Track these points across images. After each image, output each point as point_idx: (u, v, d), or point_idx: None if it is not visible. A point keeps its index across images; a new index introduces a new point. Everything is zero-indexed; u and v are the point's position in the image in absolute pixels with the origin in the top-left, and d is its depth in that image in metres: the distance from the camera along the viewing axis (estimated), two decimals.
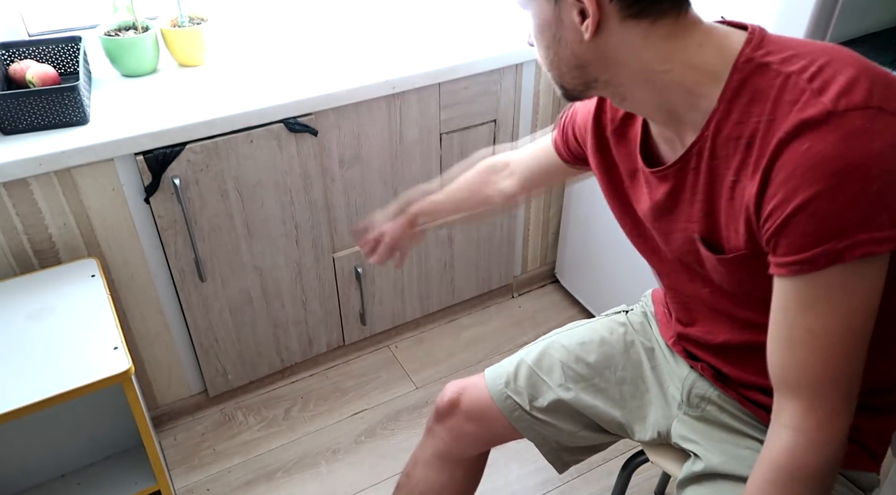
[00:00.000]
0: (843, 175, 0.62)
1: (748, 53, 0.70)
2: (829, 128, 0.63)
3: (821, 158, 0.63)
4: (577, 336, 1.13)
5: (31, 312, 1.26)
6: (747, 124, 0.69)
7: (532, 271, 2.18)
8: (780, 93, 0.67)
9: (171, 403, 1.75)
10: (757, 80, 0.69)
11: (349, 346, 1.95)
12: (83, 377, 1.13)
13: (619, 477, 1.30)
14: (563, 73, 0.77)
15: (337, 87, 1.50)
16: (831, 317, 0.67)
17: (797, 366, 0.70)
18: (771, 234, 0.68)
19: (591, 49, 0.73)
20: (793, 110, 0.65)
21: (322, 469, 1.67)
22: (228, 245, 1.56)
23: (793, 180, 0.65)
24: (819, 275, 0.66)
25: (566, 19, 0.72)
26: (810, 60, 0.67)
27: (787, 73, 0.67)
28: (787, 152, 0.65)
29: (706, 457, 0.95)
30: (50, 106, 1.32)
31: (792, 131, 0.65)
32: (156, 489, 1.44)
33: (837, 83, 0.65)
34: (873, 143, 0.62)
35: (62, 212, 1.37)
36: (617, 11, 0.69)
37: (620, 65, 0.73)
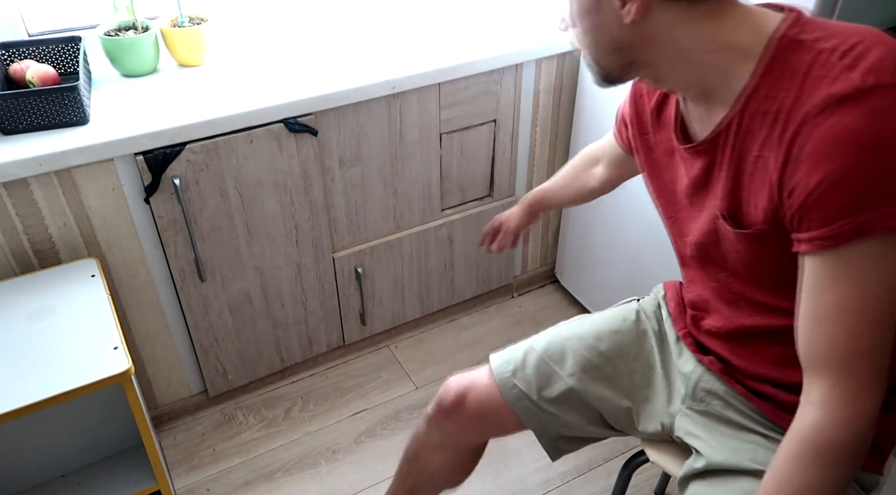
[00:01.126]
0: (869, 150, 0.63)
1: (784, 30, 0.71)
2: (857, 104, 0.64)
3: (847, 132, 0.64)
4: (589, 324, 1.13)
5: (31, 312, 1.26)
6: (776, 99, 0.70)
7: (532, 271, 2.18)
8: (810, 68, 0.68)
9: (171, 403, 1.75)
10: (790, 56, 0.70)
11: (349, 346, 1.95)
12: (83, 377, 1.13)
13: (619, 476, 1.30)
14: (602, 57, 0.79)
15: (337, 87, 1.50)
16: (857, 293, 0.68)
17: (823, 342, 0.71)
18: (796, 209, 0.69)
19: (632, 32, 0.74)
20: (822, 85, 0.66)
21: (322, 469, 1.67)
22: (228, 245, 1.56)
23: (816, 154, 0.65)
24: (845, 249, 0.67)
25: (607, 5, 0.74)
26: (843, 39, 0.68)
27: (820, 49, 0.68)
28: (813, 125, 0.66)
29: (707, 453, 0.95)
30: (50, 106, 1.32)
31: (820, 105, 0.66)
32: (156, 489, 1.44)
33: (868, 60, 0.65)
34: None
35: (62, 212, 1.37)
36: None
37: (659, 46, 0.75)
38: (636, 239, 1.76)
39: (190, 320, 1.62)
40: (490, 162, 1.85)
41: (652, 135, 0.94)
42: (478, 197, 1.89)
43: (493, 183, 1.88)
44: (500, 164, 1.86)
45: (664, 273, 1.66)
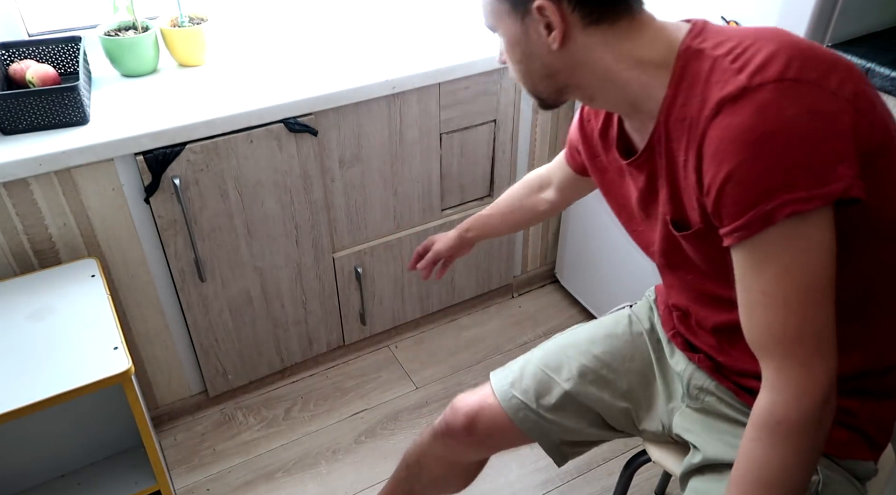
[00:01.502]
0: (760, 143, 0.67)
1: (688, 42, 0.76)
2: (744, 103, 0.68)
3: (738, 131, 0.68)
4: (583, 332, 1.16)
5: (31, 312, 1.26)
6: (688, 106, 0.75)
7: (532, 271, 2.18)
8: (709, 74, 0.73)
9: (171, 403, 1.75)
10: (694, 65, 0.75)
11: (349, 346, 1.95)
12: (83, 377, 1.13)
13: (620, 476, 1.30)
14: (536, 83, 0.85)
15: (337, 87, 1.50)
16: (780, 277, 0.71)
17: (760, 328, 0.74)
18: (713, 209, 0.73)
19: (559, 58, 0.80)
20: (716, 89, 0.71)
21: (322, 469, 1.67)
22: (228, 245, 1.56)
23: (718, 154, 0.70)
24: (758, 238, 0.70)
25: (533, 34, 0.79)
26: (738, 43, 0.73)
27: (716, 56, 0.73)
28: (712, 129, 0.71)
29: (705, 449, 0.97)
30: (50, 106, 1.32)
31: (714, 108, 0.71)
32: (156, 489, 1.44)
33: (755, 61, 0.70)
34: (786, 111, 0.67)
35: (62, 212, 1.37)
36: (579, 20, 0.76)
37: (586, 68, 0.80)
38: None
39: (190, 320, 1.62)
40: (490, 162, 1.85)
41: (603, 156, 0.97)
42: (478, 197, 1.89)
43: (493, 183, 1.88)
44: (500, 164, 1.86)
45: None
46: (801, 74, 0.68)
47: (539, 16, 0.76)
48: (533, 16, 0.77)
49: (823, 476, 0.87)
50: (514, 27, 0.80)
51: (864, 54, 1.22)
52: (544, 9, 0.76)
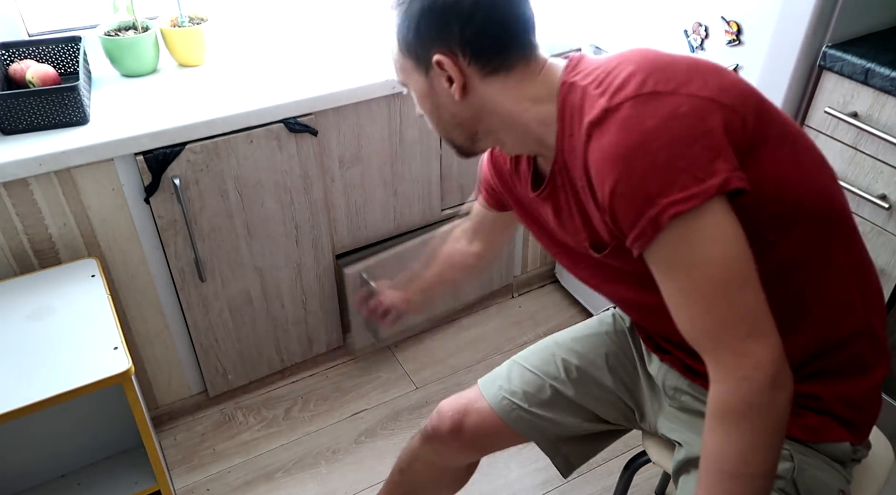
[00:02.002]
0: (629, 156, 0.71)
1: (563, 77, 0.81)
2: (608, 123, 0.73)
3: (608, 149, 0.72)
4: (568, 333, 1.17)
5: (31, 312, 1.26)
6: (574, 136, 0.79)
7: (532, 271, 2.18)
8: (581, 104, 0.77)
9: (171, 403, 1.75)
10: (570, 97, 0.79)
11: (349, 346, 1.95)
12: (83, 377, 1.13)
13: (620, 477, 1.30)
14: (450, 132, 0.89)
15: (337, 87, 1.50)
16: (689, 273, 0.73)
17: (688, 324, 0.76)
18: (611, 224, 0.76)
19: (464, 107, 0.84)
20: (585, 116, 0.75)
21: (322, 469, 1.67)
22: (228, 245, 1.56)
23: (600, 175, 0.74)
24: (656, 243, 0.73)
25: (438, 87, 0.84)
26: (603, 70, 0.77)
27: (584, 86, 0.78)
28: (589, 153, 0.75)
29: (689, 446, 0.98)
30: (50, 106, 1.32)
31: (586, 134, 0.75)
32: (156, 489, 1.44)
33: (615, 83, 0.74)
34: (647, 122, 0.70)
35: (62, 212, 1.37)
36: (476, 71, 0.81)
37: (490, 114, 0.84)
38: None
39: (190, 320, 1.62)
40: None
41: (518, 188, 0.99)
42: None
43: None
44: None
45: None
46: (658, 86, 0.72)
47: (440, 69, 0.81)
48: (435, 70, 0.82)
49: (798, 461, 0.88)
50: (420, 81, 0.85)
51: (863, 54, 1.22)
52: (442, 63, 0.80)
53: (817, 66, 1.29)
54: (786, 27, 1.27)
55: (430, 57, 0.81)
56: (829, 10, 1.23)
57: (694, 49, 1.46)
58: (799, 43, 1.26)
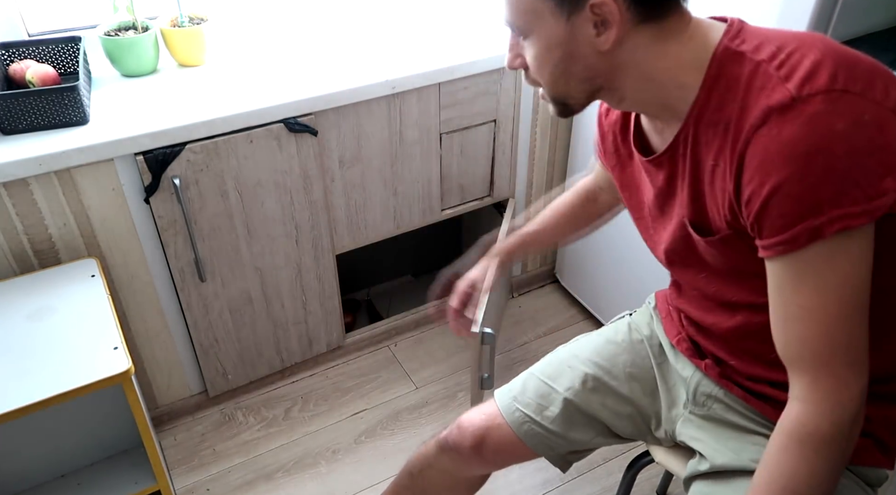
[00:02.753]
0: (810, 156, 0.65)
1: (725, 43, 0.73)
2: (794, 113, 0.66)
3: (788, 142, 0.66)
4: (583, 342, 1.15)
5: (31, 312, 1.26)
6: (723, 110, 0.72)
7: (532, 271, 2.18)
8: (750, 80, 0.70)
9: (171, 403, 1.75)
10: (731, 68, 0.72)
11: (349, 346, 1.95)
12: (83, 377, 1.13)
13: (623, 477, 1.30)
14: (572, 88, 0.79)
15: (337, 87, 1.50)
16: (822, 291, 0.70)
17: (797, 341, 0.73)
18: (753, 219, 0.71)
19: (605, 59, 0.75)
20: (761, 97, 0.69)
21: (322, 469, 1.67)
22: (228, 245, 1.56)
23: (765, 165, 0.68)
24: (803, 252, 0.69)
25: (580, 35, 0.73)
26: (779, 47, 0.70)
27: (758, 60, 0.70)
28: (758, 138, 0.68)
29: (711, 456, 0.96)
30: (50, 106, 1.32)
31: (761, 117, 0.68)
32: (156, 489, 1.44)
33: (802, 69, 0.68)
34: (836, 124, 0.65)
35: (62, 212, 1.37)
36: (631, 18, 0.72)
37: (629, 69, 0.76)
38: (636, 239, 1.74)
39: (190, 320, 1.62)
40: (490, 162, 1.85)
41: (621, 149, 0.95)
42: (478, 197, 1.89)
43: (493, 183, 1.88)
44: (499, 164, 1.86)
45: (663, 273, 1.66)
46: (849, 85, 0.67)
47: (591, 14, 0.71)
48: (585, 14, 0.71)
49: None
50: (556, 27, 0.73)
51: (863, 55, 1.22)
52: (600, 6, 0.70)
53: None
54: (786, 27, 1.27)
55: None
56: (829, 10, 1.23)
57: None
58: None
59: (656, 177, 0.86)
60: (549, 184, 2.00)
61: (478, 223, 2.13)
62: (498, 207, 1.97)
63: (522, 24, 0.76)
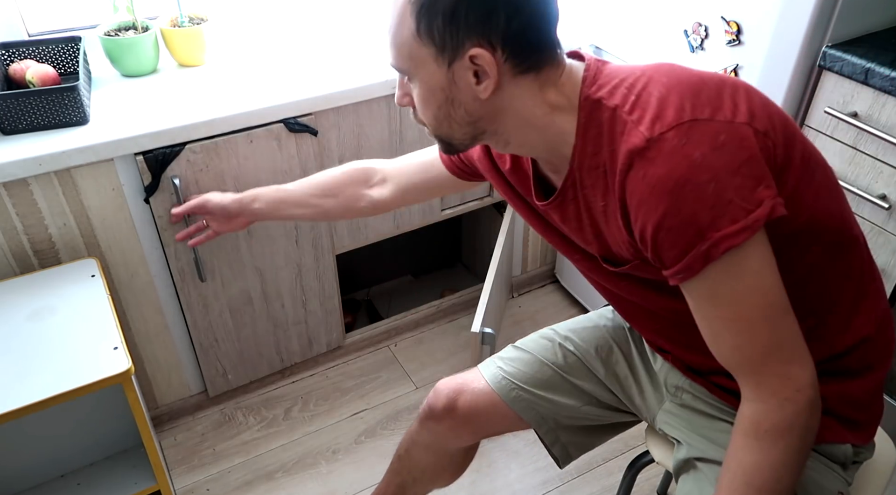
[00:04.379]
0: (678, 189, 0.69)
1: (586, 91, 0.77)
2: (653, 153, 0.70)
3: (655, 181, 0.70)
4: (568, 323, 1.18)
5: (31, 312, 1.26)
6: (599, 155, 0.77)
7: (532, 271, 2.18)
8: (611, 126, 0.75)
9: (171, 403, 1.75)
10: (595, 115, 0.76)
11: (349, 346, 1.95)
12: (83, 377, 1.13)
13: (624, 477, 1.30)
14: (454, 131, 0.81)
15: (337, 87, 1.50)
16: (735, 302, 0.74)
17: (730, 351, 0.77)
18: (651, 254, 0.75)
19: (484, 106, 0.77)
20: (622, 142, 0.73)
21: (322, 469, 1.67)
22: (228, 245, 1.56)
23: (643, 206, 0.72)
24: (702, 275, 0.72)
25: (461, 82, 0.75)
26: (629, 88, 0.75)
27: (613, 106, 0.75)
28: (629, 181, 0.72)
29: (688, 444, 0.99)
30: (50, 106, 1.32)
31: (626, 162, 0.72)
32: (156, 489, 1.44)
33: (650, 108, 0.72)
34: (693, 154, 0.69)
35: (62, 212, 1.37)
36: (510, 69, 0.75)
37: (509, 115, 0.79)
38: None
39: (190, 320, 1.62)
40: None
41: (516, 185, 0.95)
42: (478, 197, 1.89)
43: None
44: None
45: None
46: (696, 112, 0.70)
47: (471, 64, 0.73)
48: (464, 63, 0.73)
49: None
50: (438, 73, 0.75)
51: (863, 54, 1.22)
52: (478, 57, 0.72)
53: (817, 66, 1.29)
54: (786, 27, 1.27)
55: (461, 48, 0.72)
56: (829, 10, 1.23)
57: (694, 49, 1.46)
58: (799, 43, 1.26)
59: (553, 217, 0.90)
60: None
61: (478, 223, 2.13)
62: (498, 207, 1.97)
63: (406, 69, 0.78)
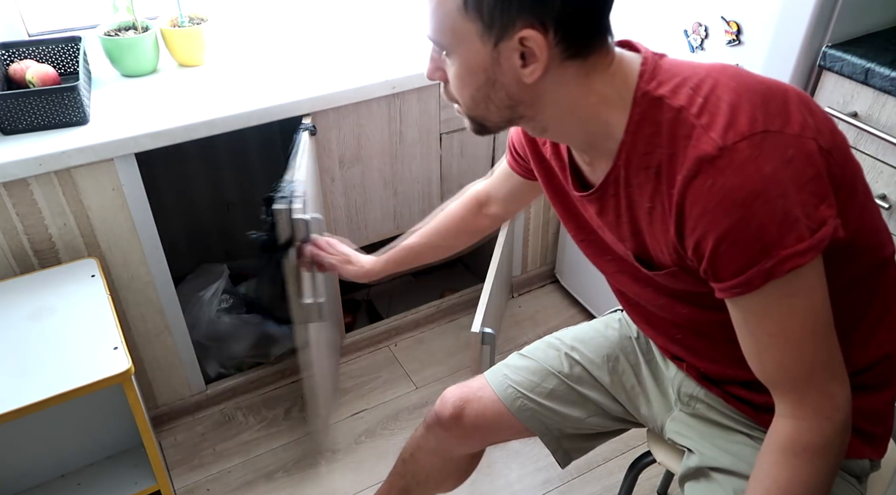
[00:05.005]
0: (748, 203, 0.67)
1: (643, 87, 0.73)
2: (724, 162, 0.67)
3: (725, 192, 0.67)
4: (574, 331, 1.17)
5: (31, 312, 1.26)
6: (653, 155, 0.73)
7: (532, 271, 2.18)
8: (673, 127, 0.71)
9: (171, 403, 1.75)
10: (654, 113, 0.73)
11: (349, 346, 1.95)
12: (83, 377, 1.13)
13: (625, 477, 1.30)
14: (491, 112, 0.78)
15: (337, 87, 1.50)
16: (787, 319, 0.72)
17: (774, 367, 0.76)
18: (704, 267, 0.73)
19: (527, 90, 0.73)
20: (689, 146, 0.70)
21: (322, 469, 1.67)
22: None
23: (706, 216, 0.69)
24: (759, 292, 0.71)
25: (505, 63, 0.71)
26: (695, 88, 0.71)
27: (678, 107, 0.71)
28: (693, 189, 0.69)
29: (700, 453, 0.97)
30: (50, 106, 1.32)
31: (692, 168, 0.69)
32: (156, 489, 1.44)
33: (722, 115, 0.69)
34: (765, 168, 0.67)
35: (62, 212, 1.37)
36: (559, 54, 0.71)
37: (551, 101, 0.75)
38: None
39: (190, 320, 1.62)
40: (490, 162, 1.84)
41: (555, 174, 0.93)
42: None
43: None
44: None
45: None
46: (768, 124, 0.68)
47: (519, 45, 0.69)
48: (512, 43, 0.69)
49: None
50: (481, 52, 0.71)
51: (863, 54, 1.22)
52: (528, 39, 0.68)
53: (817, 66, 1.29)
54: (786, 27, 1.27)
55: (511, 27, 0.68)
56: (829, 10, 1.23)
57: (694, 49, 1.46)
58: (799, 43, 1.26)
59: (588, 209, 0.88)
60: None
61: None
62: None
63: (446, 43, 0.74)
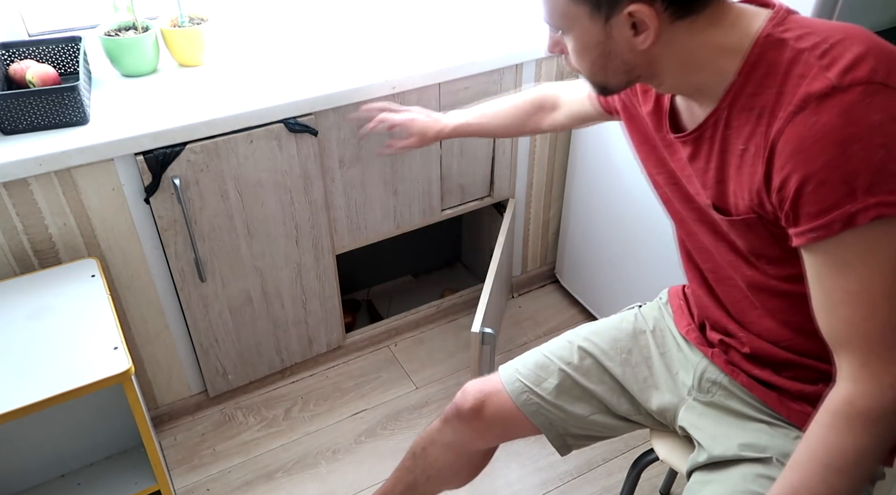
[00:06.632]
0: (847, 144, 0.67)
1: (769, 29, 0.74)
2: (833, 102, 0.67)
3: (826, 130, 0.67)
4: (591, 326, 1.19)
5: (31, 312, 1.26)
6: (760, 96, 0.74)
7: (532, 271, 2.18)
8: (790, 67, 0.72)
9: (171, 403, 1.75)
10: (772, 54, 0.73)
11: (349, 346, 1.95)
12: (83, 377, 1.13)
13: (628, 475, 1.30)
14: (610, 78, 0.83)
15: (337, 87, 1.50)
16: (866, 275, 0.71)
17: (844, 325, 0.74)
18: (788, 206, 0.72)
19: (643, 55, 0.78)
20: (801, 84, 0.70)
21: (322, 469, 1.67)
22: (228, 245, 1.56)
23: (800, 152, 0.69)
24: (838, 238, 0.70)
25: (617, 35, 0.76)
26: (824, 38, 0.71)
27: (800, 48, 0.71)
28: (794, 125, 0.70)
29: (709, 446, 0.98)
30: (50, 106, 1.32)
31: (799, 104, 0.69)
32: (156, 489, 1.44)
33: (844, 59, 0.69)
34: (873, 116, 0.67)
35: (62, 212, 1.37)
36: (668, 17, 0.74)
37: (666, 60, 0.78)
38: (636, 239, 1.75)
39: (190, 320, 1.62)
40: (490, 162, 1.85)
41: (644, 111, 0.95)
42: (478, 197, 1.89)
43: (493, 183, 1.88)
44: (500, 165, 1.86)
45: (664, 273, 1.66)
46: (889, 79, 0.68)
47: (628, 18, 0.74)
48: (622, 17, 0.74)
49: None
50: (593, 29, 0.77)
51: None
52: (637, 13, 0.73)
53: None
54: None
55: (618, 4, 0.73)
56: (829, 10, 1.23)
57: None
58: None
59: (678, 154, 0.88)
60: (550, 183, 2.00)
61: (478, 223, 2.13)
62: (498, 207, 1.97)
63: (560, 25, 0.80)
